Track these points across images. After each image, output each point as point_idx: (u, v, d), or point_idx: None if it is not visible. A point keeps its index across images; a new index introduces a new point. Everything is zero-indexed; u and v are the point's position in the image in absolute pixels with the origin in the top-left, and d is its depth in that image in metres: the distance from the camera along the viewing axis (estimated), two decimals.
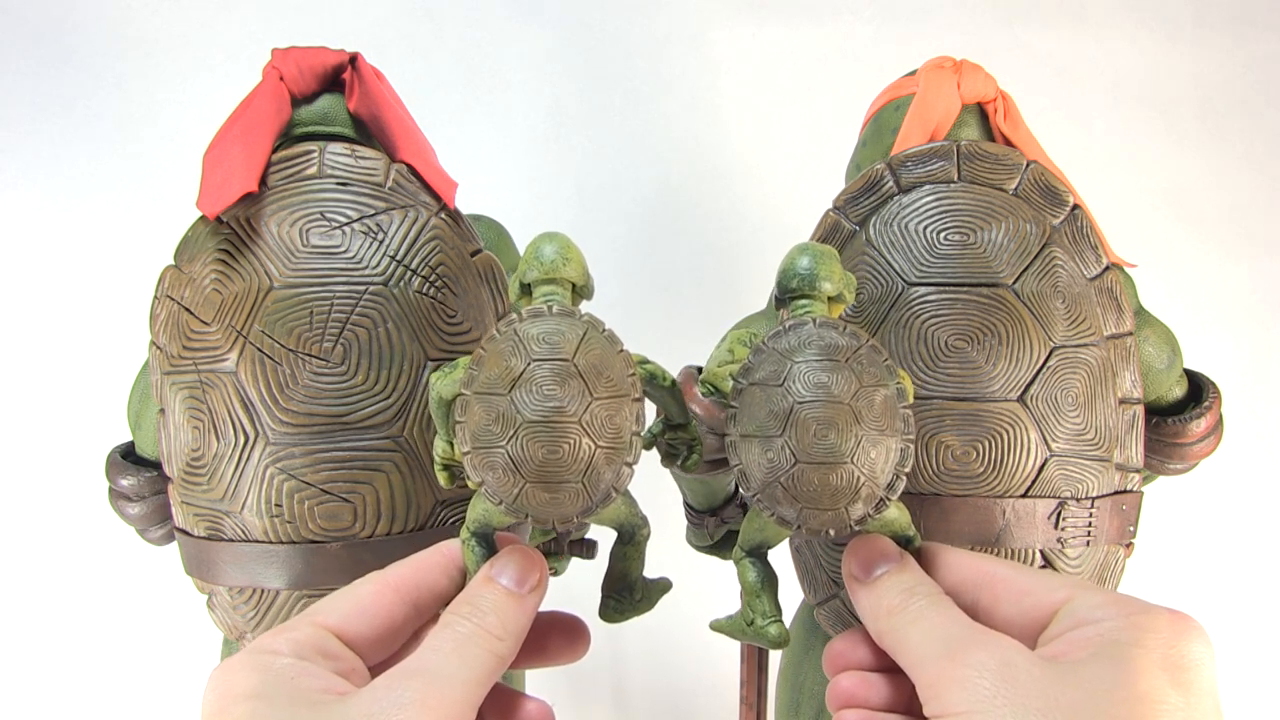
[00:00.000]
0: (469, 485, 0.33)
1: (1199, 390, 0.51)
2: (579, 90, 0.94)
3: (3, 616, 0.88)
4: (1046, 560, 0.45)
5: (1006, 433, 0.44)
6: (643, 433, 0.33)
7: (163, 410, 0.46)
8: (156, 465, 0.48)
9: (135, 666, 0.89)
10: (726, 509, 0.60)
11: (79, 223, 0.89)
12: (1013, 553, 0.44)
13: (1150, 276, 0.58)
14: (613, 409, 0.32)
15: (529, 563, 0.34)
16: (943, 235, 0.46)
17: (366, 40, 0.59)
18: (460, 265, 0.47)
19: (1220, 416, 0.50)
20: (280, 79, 0.48)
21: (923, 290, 0.46)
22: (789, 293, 0.37)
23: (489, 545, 0.35)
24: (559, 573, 0.61)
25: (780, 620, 0.39)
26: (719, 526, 0.61)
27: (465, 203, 0.49)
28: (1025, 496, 0.44)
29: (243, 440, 0.44)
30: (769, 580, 0.40)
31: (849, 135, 0.59)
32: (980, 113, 0.52)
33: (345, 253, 0.45)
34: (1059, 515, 0.45)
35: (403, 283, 0.45)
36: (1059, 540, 0.45)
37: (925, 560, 0.35)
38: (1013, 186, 0.48)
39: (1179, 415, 0.49)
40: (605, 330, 0.33)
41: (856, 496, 0.32)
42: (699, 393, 0.47)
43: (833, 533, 0.33)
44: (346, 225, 0.45)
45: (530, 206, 0.93)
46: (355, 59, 0.49)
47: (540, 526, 0.33)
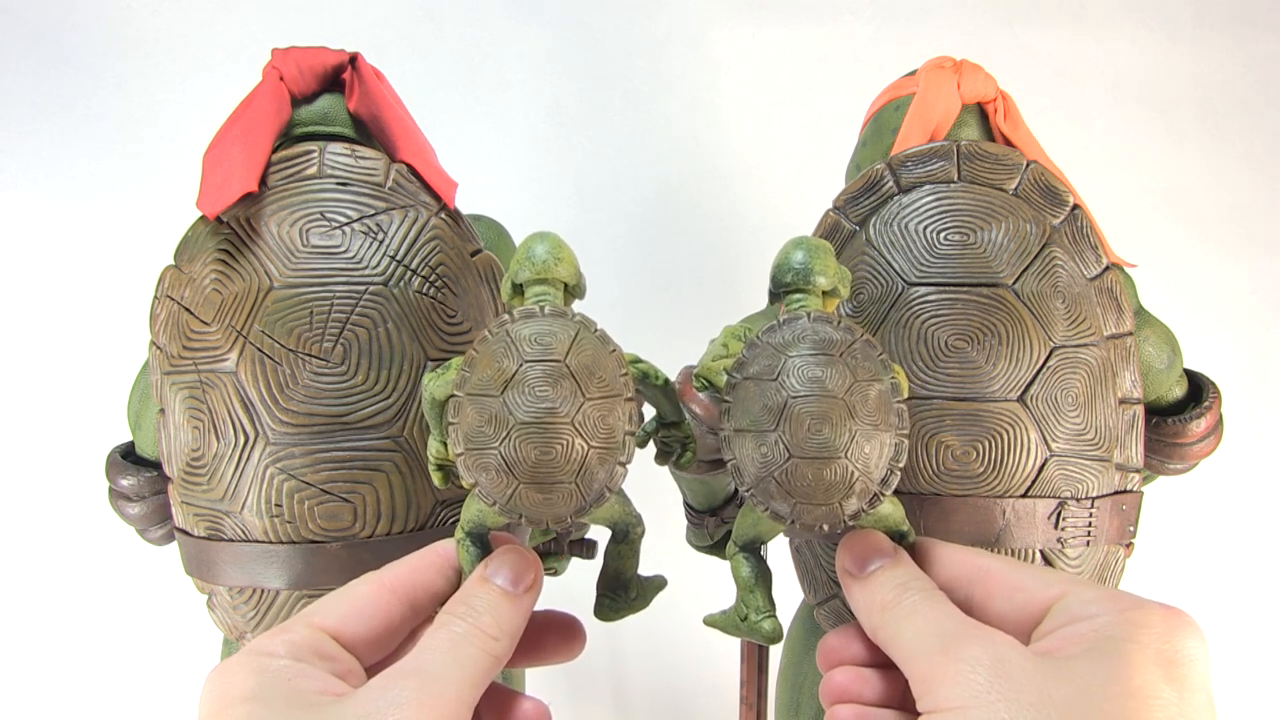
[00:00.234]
0: (463, 486, 0.33)
1: (1199, 390, 0.51)
2: (579, 90, 0.94)
3: (3, 616, 0.88)
4: (1046, 560, 0.45)
5: (1006, 433, 0.44)
6: (636, 432, 0.33)
7: (163, 410, 0.46)
8: (156, 465, 0.48)
9: (135, 666, 0.89)
10: (726, 509, 0.60)
11: (79, 223, 0.89)
12: (1013, 553, 0.44)
13: (1150, 276, 0.58)
14: (605, 409, 0.32)
15: (524, 562, 0.34)
16: (943, 235, 0.46)
17: (366, 40, 0.59)
18: (460, 265, 0.47)
19: (1220, 416, 0.50)
20: (280, 79, 0.48)
21: (923, 290, 0.46)
22: (783, 287, 0.37)
23: (484, 545, 0.35)
24: (559, 573, 0.61)
25: (774, 615, 0.39)
26: (719, 526, 0.61)
27: (465, 203, 0.49)
28: (1025, 496, 0.44)
29: (243, 440, 0.44)
30: (763, 575, 0.39)
31: (849, 135, 0.59)
32: (980, 113, 0.52)
33: (345, 253, 0.45)
34: (1059, 515, 0.45)
35: (403, 283, 0.45)
36: (1059, 540, 0.45)
37: (919, 555, 0.35)
38: (1013, 186, 0.48)
39: (1179, 415, 0.49)
40: (597, 330, 0.33)
41: (850, 491, 0.32)
42: (698, 393, 0.47)
43: (827, 528, 0.33)
44: (346, 225, 0.45)
45: (530, 206, 0.93)
46: (355, 59, 0.49)
47: (534, 527, 0.33)
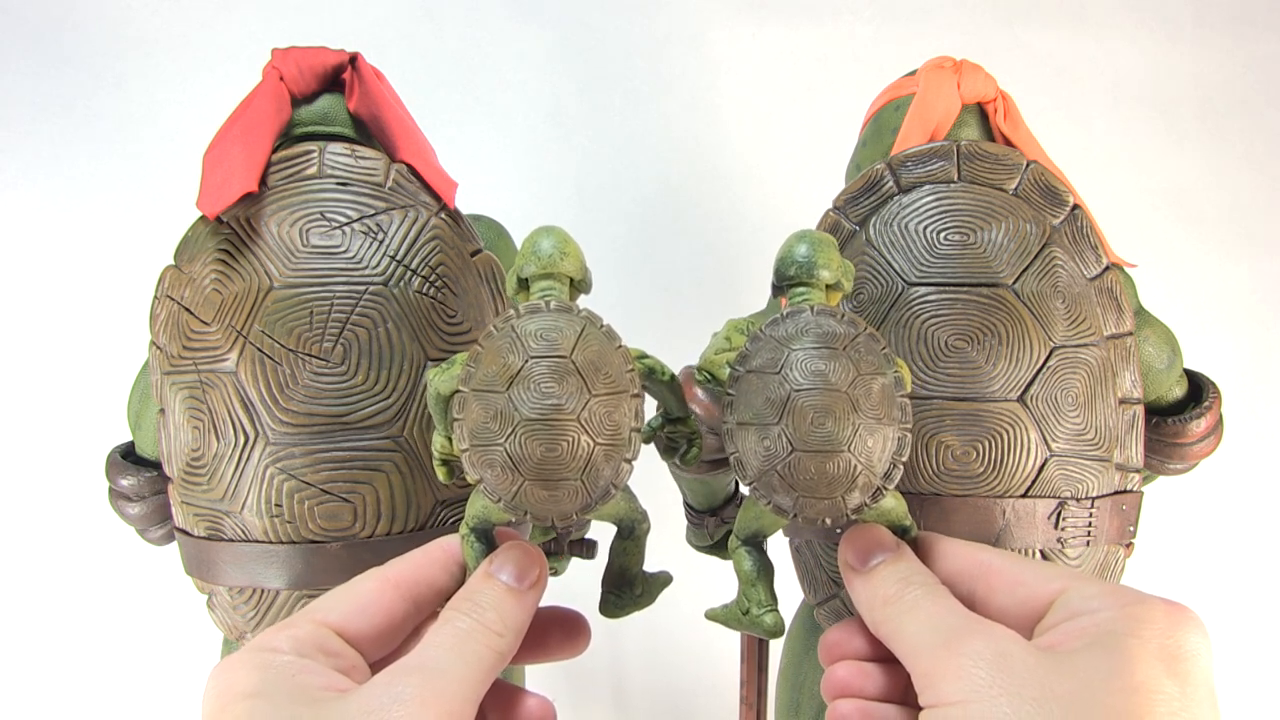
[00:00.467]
0: (468, 481, 0.33)
1: (1199, 390, 0.51)
2: (579, 90, 0.94)
3: (3, 616, 0.88)
4: (1046, 560, 0.45)
5: (1006, 433, 0.44)
6: (642, 428, 0.33)
7: (163, 410, 0.46)
8: (156, 465, 0.48)
9: (135, 666, 0.89)
10: (726, 509, 0.60)
11: (79, 223, 0.89)
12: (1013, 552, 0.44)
13: (1150, 276, 0.58)
14: (611, 405, 0.32)
15: (528, 559, 0.33)
16: (943, 235, 0.46)
17: (366, 40, 0.59)
18: (460, 265, 0.47)
19: (1220, 416, 0.50)
20: (280, 79, 0.48)
21: (923, 290, 0.46)
22: (787, 280, 0.37)
23: (488, 541, 0.35)
24: (559, 573, 0.61)
25: (775, 609, 0.39)
26: (719, 526, 0.61)
27: (465, 203, 0.49)
28: (1025, 496, 0.44)
29: (243, 440, 0.44)
30: (765, 569, 0.39)
31: (849, 135, 0.59)
32: (980, 113, 0.52)
33: (345, 253, 0.45)
34: (1059, 515, 0.45)
35: (403, 283, 0.45)
36: (1059, 540, 0.45)
37: (921, 550, 0.35)
38: (1013, 186, 0.48)
39: (1179, 415, 0.49)
40: (603, 326, 0.33)
41: (853, 485, 0.32)
42: (699, 392, 0.47)
43: (829, 522, 0.33)
44: (346, 225, 0.45)
45: (530, 206, 0.93)
46: (355, 59, 0.49)
47: (539, 524, 0.32)
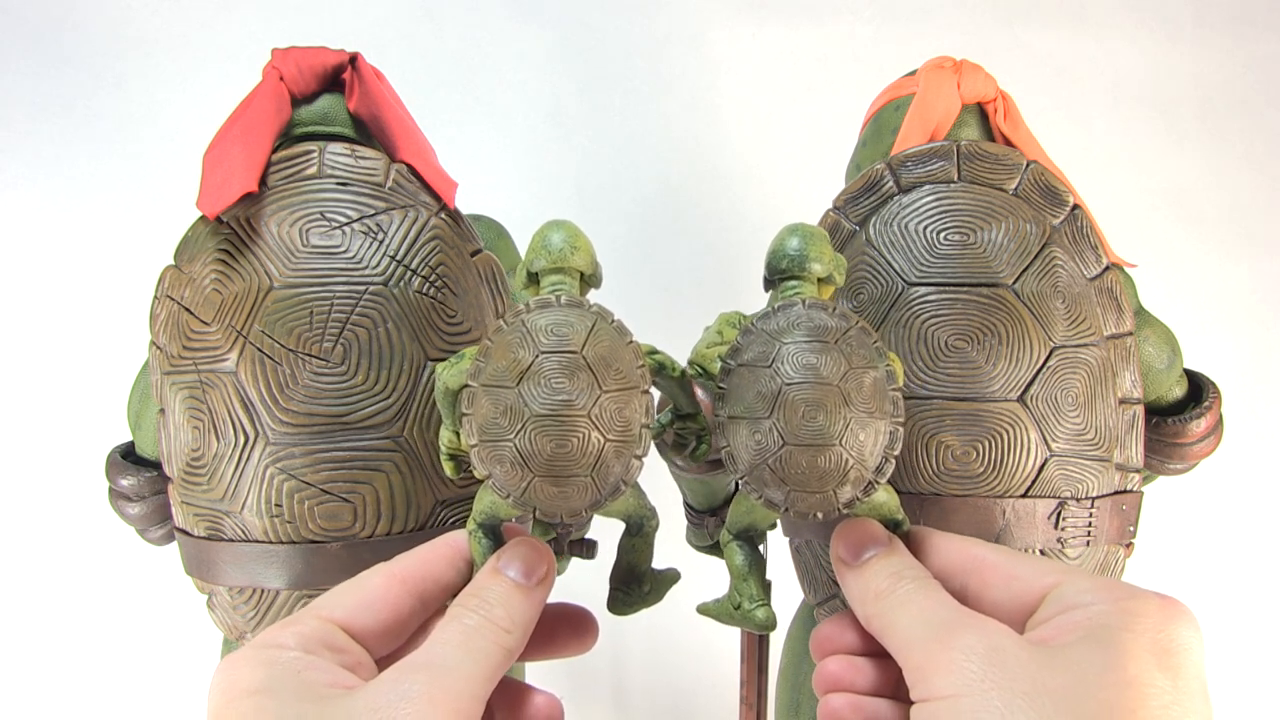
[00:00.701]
0: (476, 476, 0.32)
1: (1199, 390, 0.51)
2: (579, 90, 0.94)
3: (3, 616, 0.88)
4: None
5: (1006, 433, 0.44)
6: (652, 424, 0.33)
7: (163, 410, 0.46)
8: (156, 465, 0.48)
9: (135, 666, 0.89)
10: (726, 509, 0.60)
11: (79, 223, 0.89)
12: None
13: (1150, 276, 0.58)
14: (622, 401, 0.32)
15: (536, 555, 0.33)
16: (943, 235, 0.46)
17: (366, 40, 0.59)
18: (460, 265, 0.47)
19: (1220, 416, 0.50)
20: (280, 79, 0.48)
21: (923, 290, 0.46)
22: (778, 274, 0.37)
23: (496, 537, 0.35)
24: (560, 572, 0.61)
25: (767, 604, 0.39)
26: (719, 527, 0.61)
27: (465, 203, 0.49)
28: (1025, 496, 0.44)
29: (243, 440, 0.44)
30: (756, 564, 0.39)
31: (849, 135, 0.59)
32: (980, 113, 0.52)
33: (345, 253, 0.45)
34: (1059, 515, 0.45)
35: (403, 283, 0.45)
36: (1059, 540, 0.45)
37: (914, 544, 0.35)
38: (1013, 186, 0.48)
39: (1179, 415, 0.49)
40: (614, 321, 0.33)
41: (845, 479, 0.32)
42: (699, 393, 0.47)
43: (821, 516, 0.33)
44: (346, 225, 0.45)
45: (530, 206, 0.93)
46: (355, 59, 0.49)
47: (548, 520, 0.32)
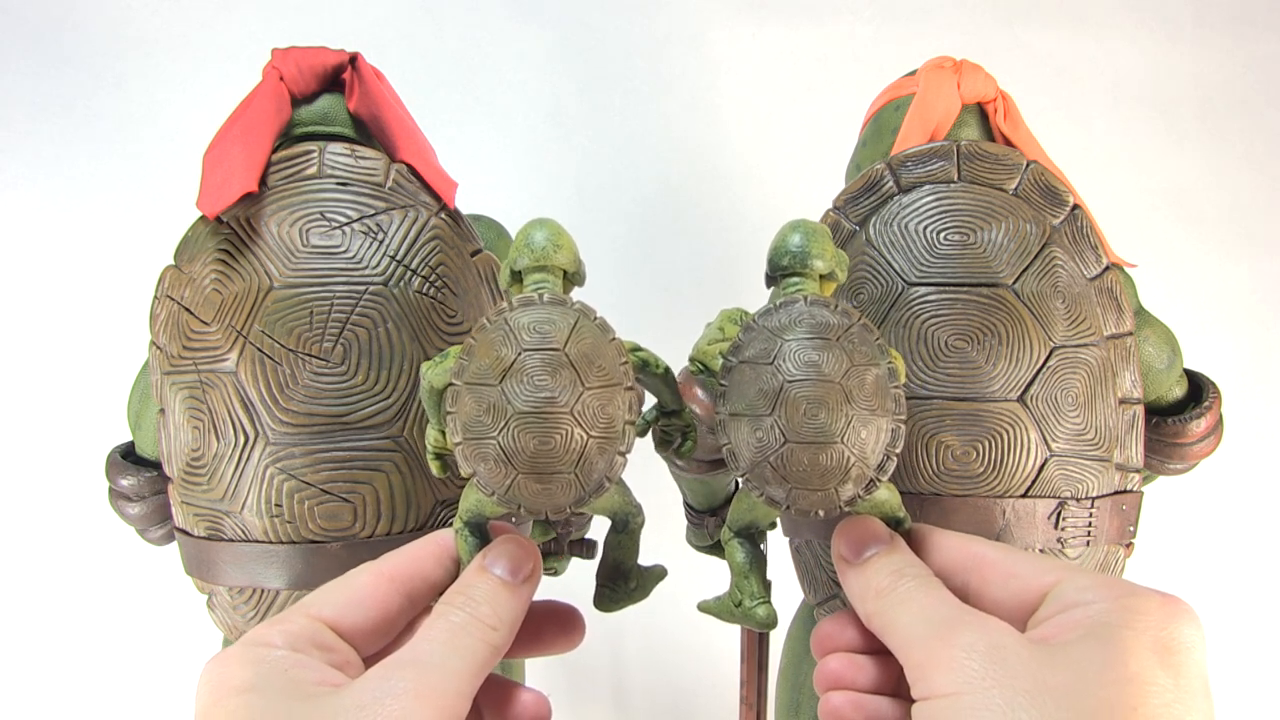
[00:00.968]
0: (461, 475, 0.33)
1: (1199, 390, 0.51)
2: (579, 90, 0.94)
3: (3, 616, 0.88)
4: None
5: (1006, 433, 0.44)
6: (636, 421, 0.33)
7: (163, 410, 0.46)
8: (156, 465, 0.48)
9: (135, 666, 0.89)
10: (726, 509, 0.60)
11: (79, 223, 0.89)
12: None
13: (1150, 276, 0.58)
14: (605, 398, 0.32)
15: (522, 552, 0.33)
16: (943, 235, 0.46)
17: (366, 40, 0.59)
18: (460, 265, 0.47)
19: (1220, 416, 0.50)
20: (280, 79, 0.48)
21: (923, 290, 0.46)
22: (780, 270, 0.36)
23: (482, 535, 0.35)
24: (559, 573, 0.61)
25: (768, 601, 0.39)
26: (719, 527, 0.61)
27: (465, 203, 0.49)
28: (1025, 496, 0.44)
29: (243, 440, 0.44)
30: (757, 561, 0.39)
31: (849, 135, 0.59)
32: (980, 113, 0.52)
33: (345, 253, 0.45)
34: (1059, 515, 0.45)
35: (403, 283, 0.45)
36: (1059, 540, 0.45)
37: (915, 542, 0.35)
38: (1013, 186, 0.48)
39: (1179, 415, 0.49)
40: (597, 318, 0.33)
41: (846, 477, 0.32)
42: (699, 392, 0.47)
43: (822, 513, 0.33)
44: (346, 225, 0.45)
45: (530, 206, 0.93)
46: (355, 59, 0.49)
47: (533, 517, 0.32)
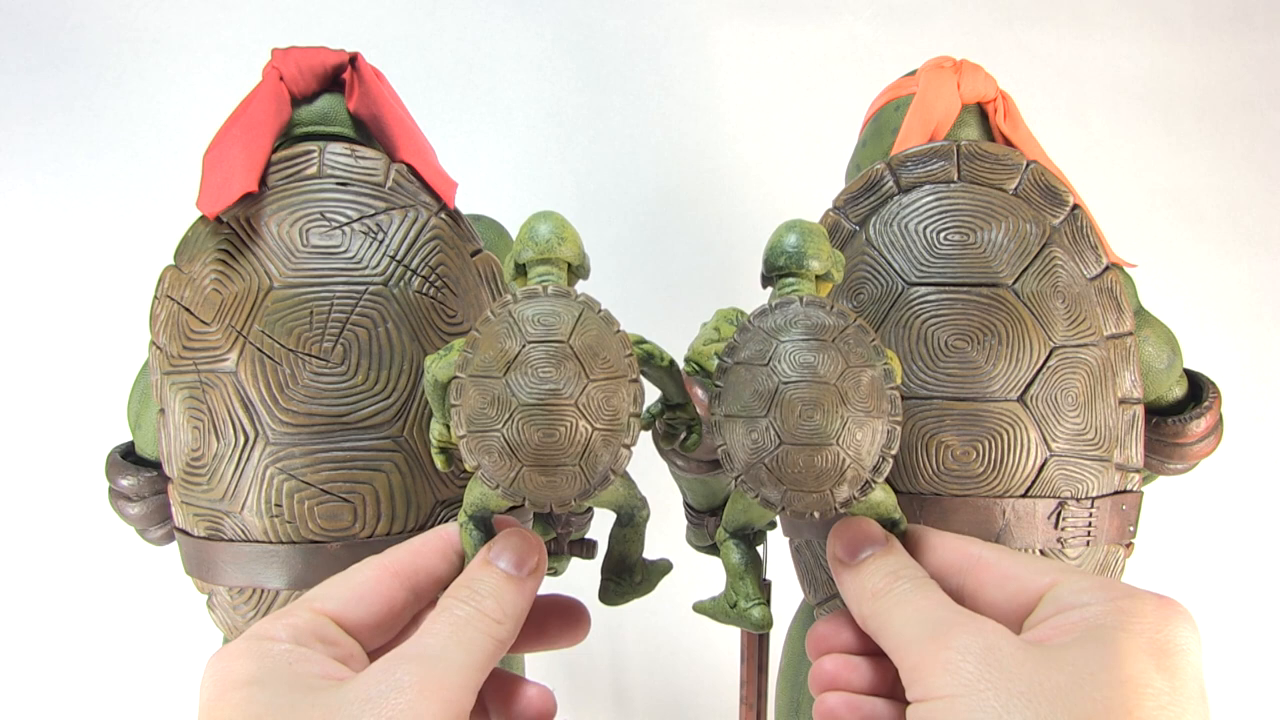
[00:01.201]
0: (466, 469, 0.33)
1: (1199, 390, 0.51)
2: (579, 90, 0.94)
3: (3, 616, 0.88)
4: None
5: (1006, 433, 0.44)
6: (641, 413, 0.33)
7: (163, 410, 0.46)
8: (156, 465, 0.48)
9: (135, 666, 0.89)
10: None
11: (79, 223, 0.89)
12: None
13: (1150, 276, 0.58)
14: (609, 390, 0.32)
15: (527, 546, 0.33)
16: (943, 235, 0.46)
17: (366, 40, 0.59)
18: (460, 265, 0.47)
19: (1220, 416, 0.50)
20: (280, 79, 0.48)
21: (923, 290, 0.46)
22: (776, 270, 0.36)
23: (487, 529, 0.35)
24: (559, 573, 0.61)
25: (763, 603, 0.39)
26: (719, 527, 0.61)
27: (465, 203, 0.49)
28: (1025, 496, 0.44)
29: (243, 440, 0.44)
30: (753, 563, 0.39)
31: (849, 135, 0.59)
32: (980, 113, 0.52)
33: (345, 253, 0.45)
34: (1059, 515, 0.45)
35: (403, 283, 0.45)
36: (1059, 540, 0.45)
37: (911, 544, 0.35)
38: (1013, 186, 0.48)
39: (1179, 415, 0.49)
40: (601, 310, 0.33)
41: (842, 479, 0.32)
42: (699, 392, 0.47)
43: (817, 515, 0.33)
44: (346, 225, 0.45)
45: (530, 206, 0.92)
46: (355, 59, 0.49)
47: (538, 510, 0.32)
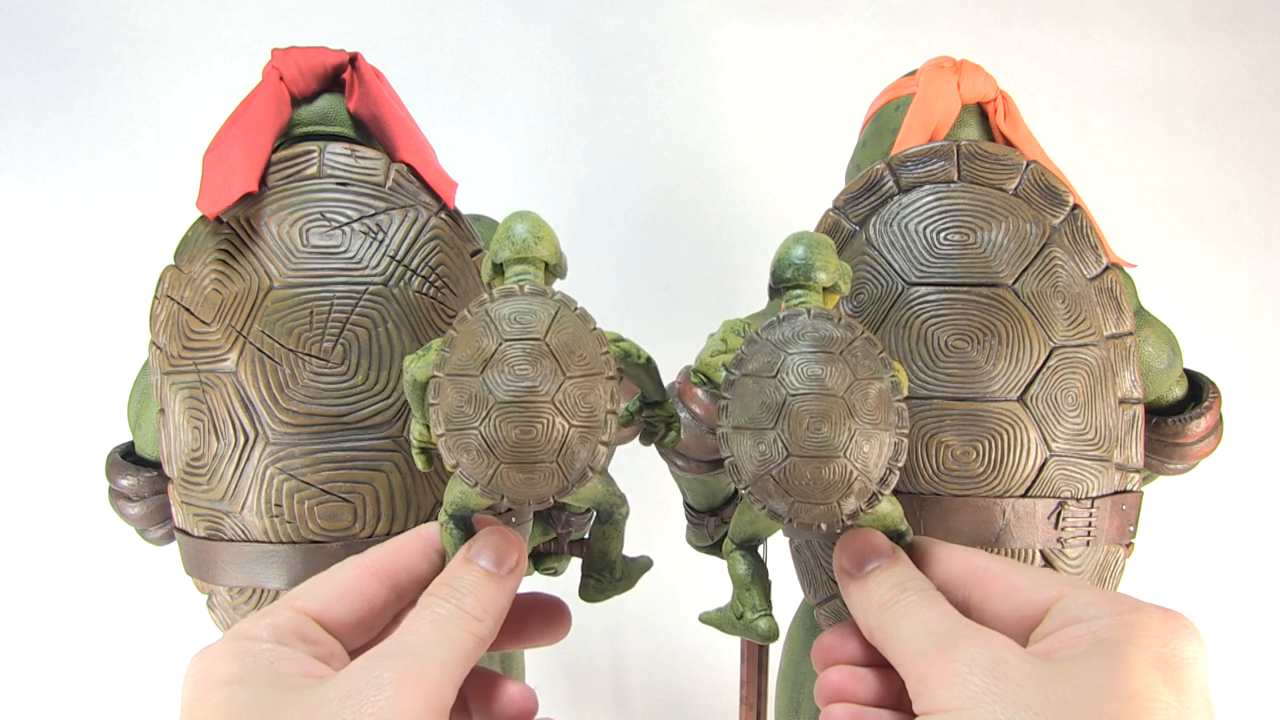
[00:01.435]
0: (446, 468, 0.33)
1: (1199, 390, 0.51)
2: (579, 90, 0.94)
3: (3, 616, 0.88)
4: (1046, 560, 0.45)
5: (1006, 433, 0.44)
6: (618, 410, 0.33)
7: (163, 410, 0.46)
8: (156, 465, 0.48)
9: (135, 666, 0.89)
10: (726, 509, 0.60)
11: (79, 223, 0.89)
12: (1013, 553, 0.44)
13: (1150, 276, 0.58)
14: (586, 387, 0.32)
15: (507, 544, 0.33)
16: (943, 235, 0.46)
17: (366, 40, 0.59)
18: (460, 265, 0.47)
19: (1220, 416, 0.50)
20: (280, 79, 0.48)
21: (923, 290, 0.46)
22: (783, 282, 0.36)
23: (467, 528, 0.35)
24: (559, 573, 0.61)
25: (770, 614, 0.39)
26: (719, 527, 0.61)
27: (465, 203, 0.49)
28: (1025, 496, 0.44)
29: (243, 440, 0.44)
30: (759, 574, 0.39)
31: (849, 135, 0.59)
32: (980, 113, 0.52)
33: (345, 253, 0.45)
34: (1059, 515, 0.45)
35: (403, 283, 0.45)
36: (1059, 540, 0.45)
37: (917, 555, 0.35)
38: (1013, 186, 0.48)
39: (1179, 415, 0.49)
40: (577, 309, 0.33)
41: (849, 491, 0.32)
42: (699, 393, 0.47)
43: (825, 527, 0.33)
44: (346, 225, 0.45)
45: (530, 206, 0.92)
46: (355, 59, 0.49)
47: (516, 508, 0.32)
